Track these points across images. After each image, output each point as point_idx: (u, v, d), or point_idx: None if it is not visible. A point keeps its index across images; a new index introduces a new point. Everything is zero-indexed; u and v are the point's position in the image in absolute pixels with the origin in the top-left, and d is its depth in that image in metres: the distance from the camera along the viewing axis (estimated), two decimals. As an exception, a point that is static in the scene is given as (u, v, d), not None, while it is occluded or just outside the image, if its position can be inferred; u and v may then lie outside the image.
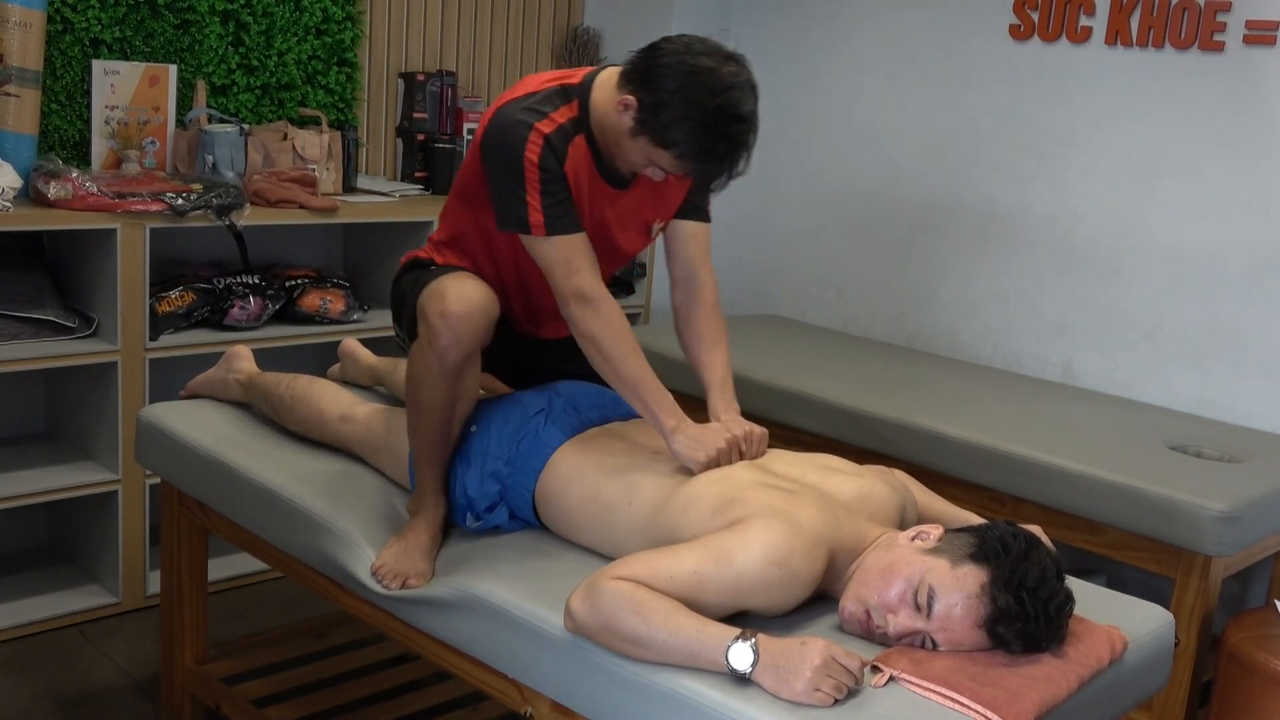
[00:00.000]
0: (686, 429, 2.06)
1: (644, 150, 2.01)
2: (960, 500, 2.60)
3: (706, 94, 1.94)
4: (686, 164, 2.00)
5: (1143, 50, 3.44)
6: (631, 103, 1.98)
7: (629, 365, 2.08)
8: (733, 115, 1.96)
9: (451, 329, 2.02)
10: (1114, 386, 3.56)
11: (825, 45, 4.17)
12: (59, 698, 2.81)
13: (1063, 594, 1.76)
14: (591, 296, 2.06)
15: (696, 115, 1.94)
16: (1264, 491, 2.70)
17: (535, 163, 2.02)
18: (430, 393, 2.09)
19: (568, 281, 2.06)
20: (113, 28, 3.28)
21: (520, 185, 2.03)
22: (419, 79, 3.91)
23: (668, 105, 1.94)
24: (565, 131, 2.05)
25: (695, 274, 2.29)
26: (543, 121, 2.03)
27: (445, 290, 2.04)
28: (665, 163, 2.01)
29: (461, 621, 1.98)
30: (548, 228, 2.04)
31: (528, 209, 2.03)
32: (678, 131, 1.95)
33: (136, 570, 3.19)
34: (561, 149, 2.04)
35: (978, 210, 3.83)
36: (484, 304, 2.05)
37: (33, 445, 3.28)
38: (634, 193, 2.18)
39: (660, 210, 2.25)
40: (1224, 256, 3.33)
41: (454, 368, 2.06)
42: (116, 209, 2.97)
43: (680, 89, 1.94)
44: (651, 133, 1.97)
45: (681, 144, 1.96)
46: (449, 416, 2.12)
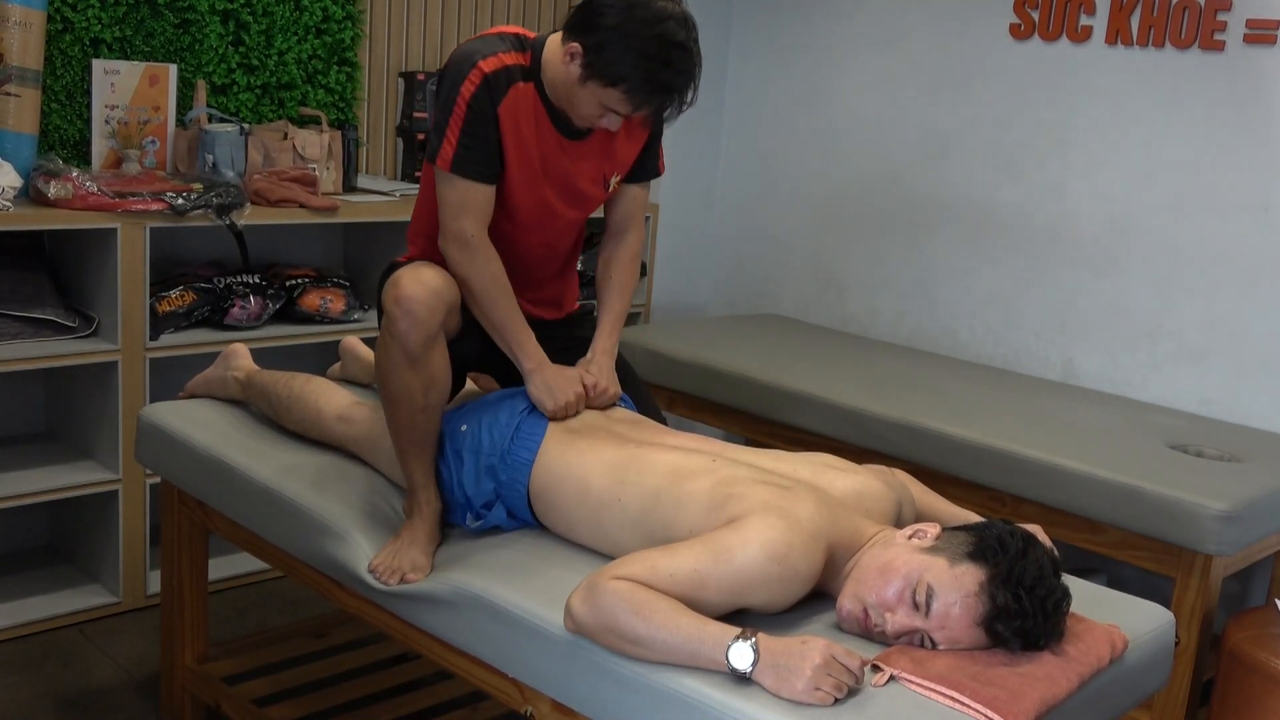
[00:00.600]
0: (544, 372, 2.20)
1: (595, 95, 2.08)
2: (961, 500, 2.60)
3: (644, 25, 2.02)
4: (637, 97, 2.06)
5: (1143, 49, 3.44)
6: (576, 49, 2.06)
7: (498, 308, 2.20)
8: (673, 43, 2.04)
9: (407, 313, 2.05)
10: (1114, 386, 3.56)
11: (826, 44, 4.17)
12: (59, 697, 2.81)
13: (1060, 591, 1.76)
14: (471, 241, 2.16)
15: (638, 46, 2.01)
16: (1264, 491, 2.70)
17: (466, 99, 2.10)
18: (397, 381, 2.11)
19: (454, 221, 2.15)
20: (113, 27, 3.28)
21: (446, 116, 2.12)
22: (419, 78, 3.91)
23: (609, 43, 2.02)
24: (509, 72, 2.14)
25: (627, 228, 2.44)
26: (488, 59, 2.12)
27: (400, 278, 2.09)
28: (616, 102, 2.08)
29: (462, 620, 1.98)
30: (454, 164, 2.13)
31: (444, 141, 2.13)
32: (623, 66, 2.03)
33: (137, 570, 3.19)
34: (500, 88, 2.12)
35: (978, 209, 3.83)
36: (439, 286, 2.09)
37: (33, 445, 3.28)
38: (590, 144, 2.26)
39: (615, 164, 2.33)
40: (1224, 255, 3.33)
41: (416, 351, 2.08)
42: (117, 208, 2.97)
43: (618, 25, 2.02)
44: (598, 74, 2.05)
45: (629, 78, 2.04)
46: (421, 404, 2.13)
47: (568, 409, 2.18)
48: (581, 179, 2.28)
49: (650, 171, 2.42)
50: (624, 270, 2.43)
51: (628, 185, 2.39)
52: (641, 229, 2.46)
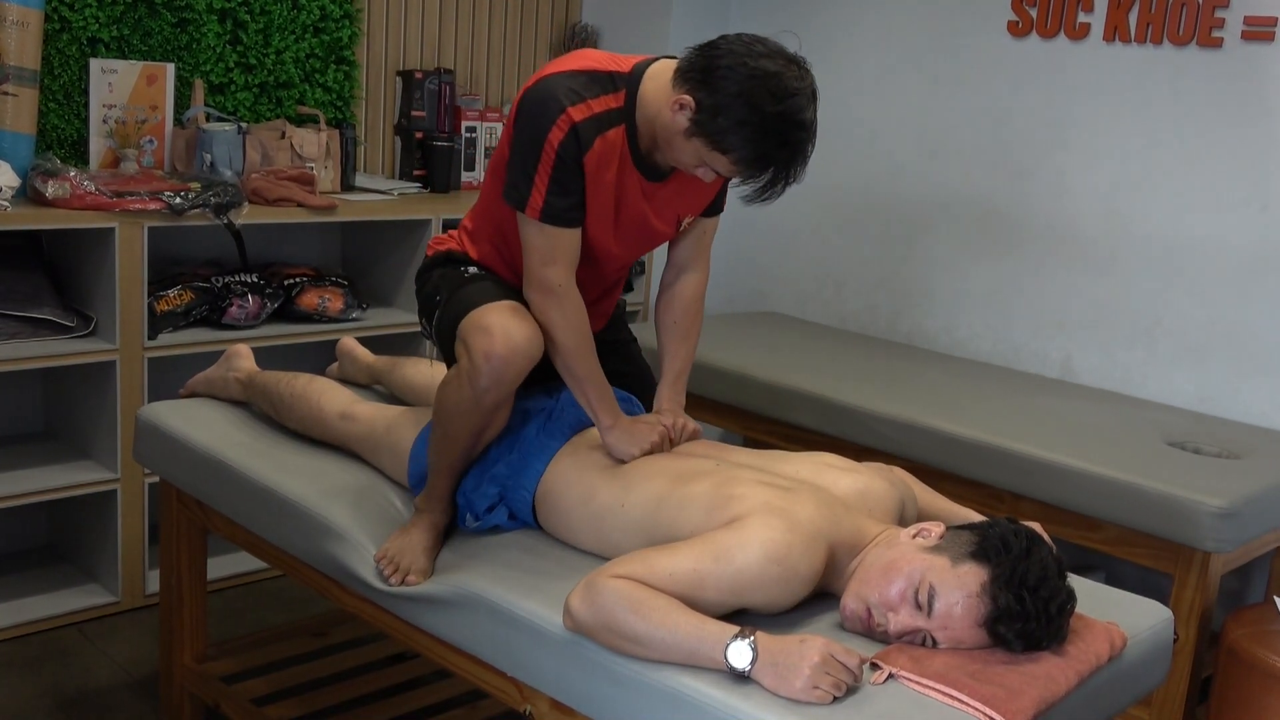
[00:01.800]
0: (621, 425, 2.10)
1: (698, 151, 1.96)
2: (959, 497, 2.60)
3: (769, 99, 1.88)
4: (743, 169, 1.96)
5: (1141, 46, 3.43)
6: (689, 103, 1.92)
7: (580, 361, 2.09)
8: (795, 123, 1.92)
9: (494, 371, 1.99)
10: (1113, 383, 3.56)
11: (824, 42, 4.17)
12: (58, 697, 2.81)
13: (1064, 593, 1.75)
14: (558, 290, 2.06)
15: (757, 121, 1.89)
16: (1263, 487, 2.70)
17: (554, 148, 1.97)
18: (461, 424, 2.07)
19: (542, 268, 2.05)
20: (110, 26, 3.28)
21: (534, 163, 1.99)
22: (417, 77, 3.90)
23: (727, 109, 1.89)
24: (599, 121, 2.00)
25: (693, 263, 2.31)
26: (577, 106, 1.98)
27: (491, 326, 2.00)
28: (721, 166, 1.97)
29: (461, 619, 1.98)
30: (544, 215, 2.01)
31: (532, 188, 2.00)
32: (737, 137, 1.90)
33: (135, 569, 3.19)
34: (588, 139, 1.99)
35: (976, 207, 3.83)
36: (528, 346, 2.01)
37: (31, 444, 3.28)
38: (669, 186, 2.15)
39: (693, 206, 2.23)
40: (1223, 252, 3.33)
41: (490, 407, 2.05)
42: (114, 208, 2.97)
43: (742, 93, 1.88)
44: (709, 136, 1.92)
45: (740, 149, 1.92)
46: (475, 442, 2.12)
47: (651, 449, 2.10)
48: (655, 219, 2.18)
49: (718, 207, 2.30)
50: (688, 313, 2.30)
51: (699, 219, 2.28)
52: (708, 264, 2.33)
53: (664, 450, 2.11)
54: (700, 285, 2.32)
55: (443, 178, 3.86)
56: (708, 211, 2.28)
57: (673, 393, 2.27)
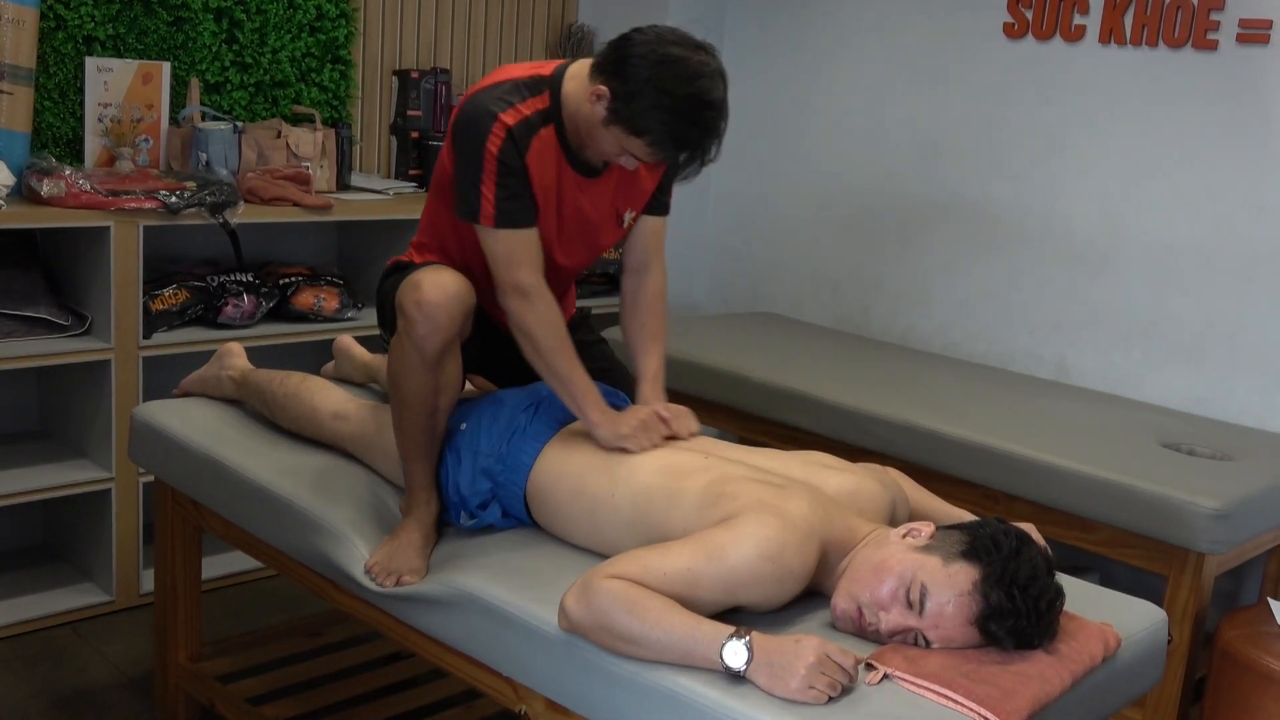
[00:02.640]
0: (609, 420, 2.13)
1: (617, 139, 2.05)
2: (954, 498, 2.60)
3: (677, 82, 1.98)
4: (659, 151, 2.04)
5: (1136, 49, 3.44)
6: (604, 93, 2.03)
7: (560, 360, 2.13)
8: (704, 102, 2.00)
9: (428, 318, 2.04)
10: (1107, 384, 3.57)
11: (820, 43, 4.17)
12: (53, 696, 2.80)
13: (1053, 590, 1.76)
14: (530, 291, 2.11)
15: (668, 103, 1.98)
16: (1257, 489, 2.71)
17: (495, 155, 2.06)
18: (412, 384, 2.10)
19: (509, 274, 2.11)
20: (106, 25, 3.27)
21: (478, 175, 2.08)
22: (413, 76, 3.90)
23: (640, 94, 1.98)
24: (530, 123, 2.10)
25: (648, 265, 2.37)
26: (508, 112, 2.08)
27: (420, 280, 2.07)
28: (639, 150, 2.05)
29: (456, 619, 1.98)
30: (497, 220, 2.09)
31: (481, 199, 2.08)
32: (650, 119, 1.99)
33: (130, 568, 3.19)
34: (524, 141, 2.09)
35: (972, 208, 3.83)
36: (459, 292, 2.07)
37: (26, 443, 3.28)
38: (605, 181, 2.23)
39: (631, 199, 2.30)
40: (1217, 254, 3.33)
41: (433, 357, 2.07)
42: (110, 207, 2.97)
43: (652, 78, 1.98)
44: (624, 121, 2.01)
45: (654, 131, 2.00)
46: (432, 408, 2.13)
47: (647, 434, 2.11)
48: (595, 215, 2.24)
49: (661, 207, 2.37)
50: (653, 313, 2.36)
51: (645, 217, 2.34)
52: (663, 263, 2.39)
53: (657, 436, 2.12)
54: (659, 285, 2.38)
55: (439, 177, 3.86)
56: (652, 209, 2.34)
57: (653, 391, 2.31)
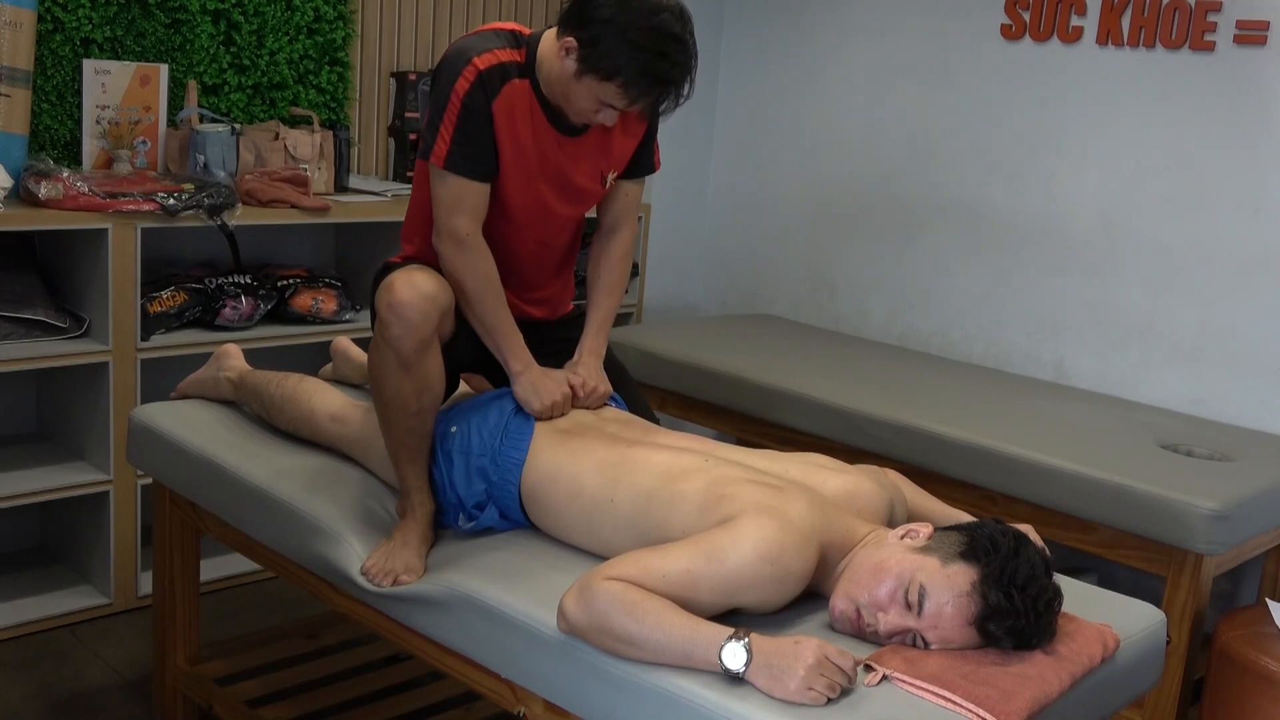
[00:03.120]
0: (531, 374, 2.20)
1: (591, 90, 2.07)
2: (952, 499, 2.61)
3: (639, 17, 2.01)
4: (633, 91, 2.05)
5: (1134, 50, 3.44)
6: (571, 44, 2.05)
7: (489, 309, 2.19)
8: (668, 35, 2.03)
9: (400, 318, 2.04)
10: (1105, 385, 3.57)
11: (818, 45, 4.18)
12: (50, 698, 2.80)
13: (1051, 590, 1.76)
14: (465, 239, 2.15)
15: (633, 38, 2.01)
16: (1255, 490, 2.71)
17: (460, 96, 2.09)
18: (391, 386, 2.10)
19: (449, 219, 2.15)
20: (103, 27, 3.27)
21: (441, 113, 2.11)
22: (411, 78, 3.90)
23: (604, 36, 2.01)
24: (504, 69, 2.12)
25: (619, 226, 2.43)
26: (482, 55, 2.11)
27: (392, 281, 2.08)
28: (613, 96, 2.06)
29: (455, 621, 1.98)
30: (448, 162, 2.12)
31: (438, 138, 2.12)
32: (618, 59, 2.02)
33: (128, 571, 3.18)
34: (494, 85, 2.11)
35: (969, 210, 3.83)
36: (432, 291, 2.07)
37: (24, 445, 3.28)
38: (586, 141, 2.25)
39: (612, 160, 2.32)
40: (1215, 255, 3.34)
41: (409, 356, 2.07)
42: (108, 209, 2.97)
43: (613, 18, 2.01)
44: (594, 68, 2.04)
45: (624, 70, 2.02)
46: (415, 408, 2.12)
47: (554, 409, 2.18)
48: (578, 175, 2.27)
49: (646, 167, 2.41)
50: (614, 269, 2.42)
51: (622, 181, 2.39)
52: (634, 226, 2.46)
53: (566, 410, 2.20)
54: (628, 243, 2.44)
55: (436, 179, 3.86)
56: (632, 171, 2.38)
57: (595, 343, 2.36)
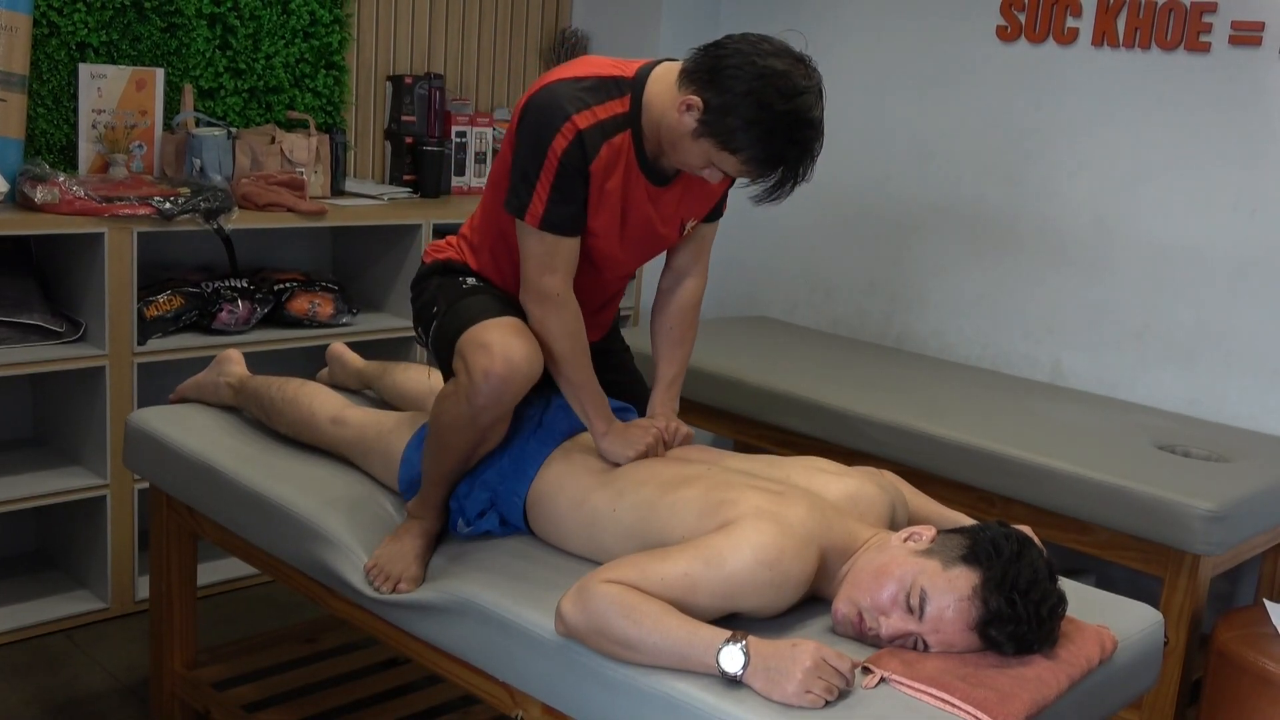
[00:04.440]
0: (616, 430, 2.11)
1: (706, 152, 1.95)
2: (950, 501, 2.60)
3: (778, 98, 1.87)
4: (753, 169, 1.94)
5: (1129, 51, 3.45)
6: (696, 103, 1.91)
7: (576, 369, 2.09)
8: (804, 120, 1.91)
9: (492, 390, 1.97)
10: (1102, 386, 3.57)
11: (814, 47, 4.15)
12: (47, 704, 2.80)
13: (1055, 596, 1.76)
14: (556, 298, 2.05)
15: (767, 120, 1.88)
16: (1252, 491, 2.71)
17: (558, 155, 1.96)
18: (458, 439, 2.07)
19: (540, 277, 2.04)
20: (99, 31, 3.27)
21: (536, 170, 1.98)
22: (407, 82, 3.90)
23: (736, 108, 1.88)
24: (604, 128, 1.99)
25: (692, 269, 2.30)
26: (582, 114, 1.96)
27: (491, 344, 1.99)
28: (729, 166, 1.95)
29: (452, 625, 1.98)
30: (544, 222, 2.00)
31: (533, 195, 1.98)
32: (746, 136, 1.89)
33: (125, 575, 3.18)
34: (594, 147, 1.98)
35: (966, 211, 3.83)
36: (528, 366, 2.00)
37: (20, 450, 3.27)
38: (674, 190, 2.13)
39: (697, 209, 2.21)
40: (1211, 256, 3.34)
41: (487, 424, 2.05)
42: (104, 213, 2.96)
43: (750, 92, 1.87)
44: (718, 136, 1.91)
45: (749, 149, 1.90)
46: (470, 455, 2.12)
47: (647, 450, 2.09)
48: (661, 224, 2.17)
49: (718, 212, 2.28)
50: (686, 321, 2.30)
51: (699, 225, 2.27)
52: (705, 272, 2.32)
53: (658, 453, 2.11)
54: (698, 292, 2.32)
55: (433, 182, 3.86)
56: (709, 217, 2.27)
57: (666, 397, 2.27)
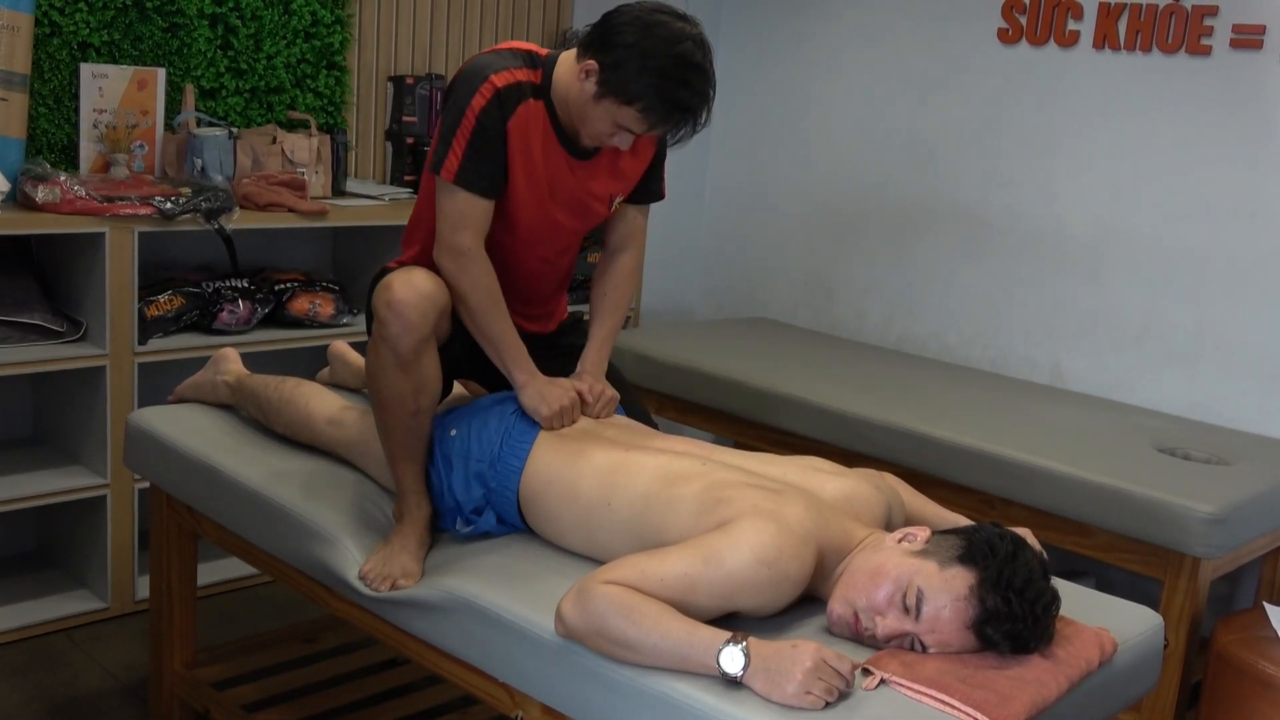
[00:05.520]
0: (535, 384, 2.18)
1: (609, 112, 2.07)
2: (949, 503, 2.60)
3: (662, 44, 2.02)
4: (652, 116, 2.06)
5: (1130, 54, 3.45)
6: (593, 67, 2.06)
7: (492, 321, 2.18)
8: (691, 64, 2.04)
9: (399, 316, 2.05)
10: (1102, 389, 3.57)
11: (815, 49, 4.18)
12: (47, 703, 2.80)
13: (1049, 594, 1.76)
14: (467, 253, 2.14)
15: (656, 65, 2.01)
16: (1252, 493, 2.71)
17: (476, 112, 2.09)
18: (389, 385, 2.11)
19: (452, 234, 2.14)
20: (101, 31, 3.27)
21: (455, 128, 2.11)
22: (408, 82, 3.90)
23: (627, 61, 2.02)
24: (521, 89, 2.13)
25: (625, 248, 2.43)
26: (500, 74, 2.11)
27: (391, 281, 2.09)
28: (631, 120, 2.07)
29: (452, 625, 1.98)
30: (458, 177, 2.11)
31: (449, 153, 2.11)
32: (640, 84, 2.02)
33: (125, 575, 3.18)
34: (510, 104, 2.11)
35: (967, 213, 3.84)
36: (430, 291, 2.09)
37: (21, 450, 3.27)
38: (596, 163, 2.25)
39: (620, 184, 2.32)
40: (1211, 259, 3.34)
41: (407, 355, 2.08)
42: (105, 213, 2.97)
43: (637, 43, 2.02)
44: (615, 91, 2.04)
45: (645, 96, 2.03)
46: (413, 408, 2.13)
47: (563, 415, 2.17)
48: (587, 197, 2.28)
49: (653, 194, 2.41)
50: (619, 286, 2.42)
51: (627, 207, 2.38)
52: (640, 250, 2.46)
53: (574, 418, 2.18)
54: (633, 263, 2.44)
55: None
56: (638, 197, 2.38)
57: (597, 357, 2.36)
